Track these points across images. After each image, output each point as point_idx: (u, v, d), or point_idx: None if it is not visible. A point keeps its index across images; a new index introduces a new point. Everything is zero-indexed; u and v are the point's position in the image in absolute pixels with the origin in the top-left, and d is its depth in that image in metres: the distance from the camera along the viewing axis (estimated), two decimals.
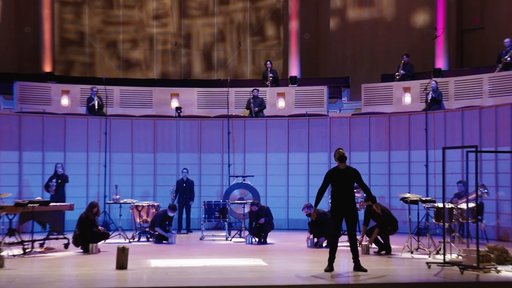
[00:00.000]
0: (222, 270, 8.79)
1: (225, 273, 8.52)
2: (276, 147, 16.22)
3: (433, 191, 14.44)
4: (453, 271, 8.59)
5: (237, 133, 16.30)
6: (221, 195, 15.68)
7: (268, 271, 8.82)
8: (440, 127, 14.62)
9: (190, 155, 16.12)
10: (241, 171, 15.98)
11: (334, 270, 8.58)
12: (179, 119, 16.28)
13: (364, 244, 10.64)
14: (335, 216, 8.60)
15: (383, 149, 15.32)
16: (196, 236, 13.79)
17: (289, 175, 16.07)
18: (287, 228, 15.95)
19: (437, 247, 10.33)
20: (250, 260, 9.79)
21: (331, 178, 8.68)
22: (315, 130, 16.11)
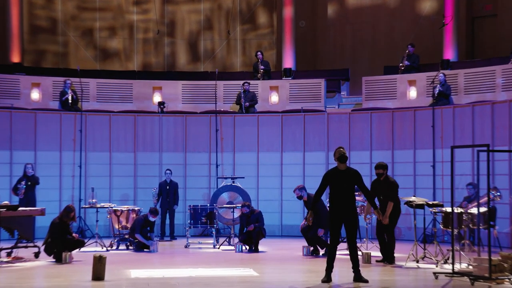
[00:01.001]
0: (209, 281, 8.77)
1: (213, 284, 8.50)
2: (269, 146, 16.21)
3: (441, 194, 14.47)
4: (462, 282, 8.60)
5: (226, 131, 16.28)
6: (208, 198, 15.65)
7: (260, 282, 8.80)
8: (448, 124, 14.65)
9: (174, 154, 16.08)
10: (230, 172, 15.95)
11: (332, 280, 8.57)
12: (162, 115, 16.24)
13: (365, 252, 10.65)
14: (334, 221, 8.59)
15: (386, 148, 15.33)
16: (181, 243, 13.76)
17: (283, 176, 16.06)
18: (281, 235, 15.95)
19: (445, 255, 10.35)
20: (240, 270, 9.77)
21: (329, 180, 8.67)
22: (311, 127, 16.11)
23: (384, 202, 10.57)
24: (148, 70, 19.68)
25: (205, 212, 13.30)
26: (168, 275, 9.24)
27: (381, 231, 10.67)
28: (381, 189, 10.69)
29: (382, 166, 10.79)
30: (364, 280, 8.52)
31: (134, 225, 12.44)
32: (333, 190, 8.66)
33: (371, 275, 9.29)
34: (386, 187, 10.66)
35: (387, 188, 10.63)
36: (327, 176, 8.72)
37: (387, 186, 10.66)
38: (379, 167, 10.79)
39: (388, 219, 10.40)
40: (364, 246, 12.10)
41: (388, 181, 10.74)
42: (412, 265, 10.32)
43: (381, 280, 8.99)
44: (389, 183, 10.71)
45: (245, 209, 12.51)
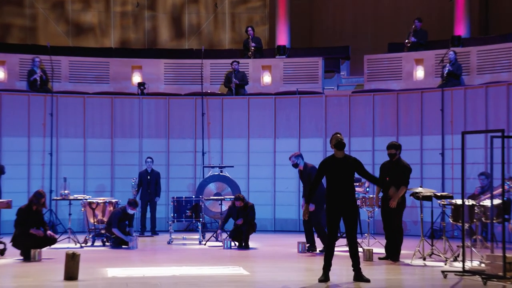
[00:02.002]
0: (194, 280, 8.76)
1: (198, 284, 8.49)
2: (261, 132, 16.19)
3: (450, 184, 14.50)
4: (474, 281, 8.63)
5: (213, 115, 16.24)
6: (193, 189, 15.64)
7: (250, 282, 8.80)
8: (459, 108, 14.65)
9: (155, 141, 16.05)
10: (218, 161, 15.93)
11: (330, 280, 8.58)
12: (142, 97, 16.19)
13: (366, 249, 10.66)
14: (332, 215, 8.59)
15: (390, 134, 15.33)
16: (163, 239, 13.75)
17: (276, 165, 16.06)
18: (273, 230, 15.96)
19: (455, 252, 10.37)
20: (228, 269, 9.77)
21: (326, 169, 8.66)
22: (307, 111, 16.09)
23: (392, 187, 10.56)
24: (127, 47, 19.56)
25: (190, 205, 13.29)
26: (149, 274, 9.22)
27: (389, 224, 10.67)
28: (392, 172, 10.67)
29: (395, 146, 10.79)
30: (365, 279, 8.53)
31: (111, 218, 12.42)
32: (330, 181, 8.64)
33: (373, 274, 9.29)
34: (398, 170, 10.66)
35: (399, 172, 10.63)
36: (323, 165, 8.70)
37: (399, 169, 10.65)
38: (392, 147, 10.77)
39: (396, 203, 10.41)
40: (366, 242, 12.12)
41: (400, 163, 10.72)
42: (419, 263, 10.34)
43: (384, 280, 9.01)
44: (401, 166, 10.69)
45: (239, 203, 12.46)
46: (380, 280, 8.89)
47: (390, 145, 10.82)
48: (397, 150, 10.81)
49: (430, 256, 10.67)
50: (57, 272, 9.08)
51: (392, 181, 10.59)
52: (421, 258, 10.55)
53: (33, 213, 10.97)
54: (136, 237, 12.58)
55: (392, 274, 9.49)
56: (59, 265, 9.17)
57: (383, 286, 8.49)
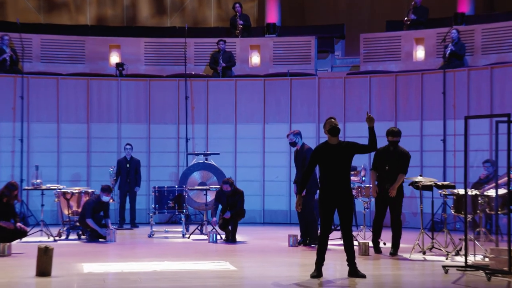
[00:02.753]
0: (177, 276, 8.75)
1: (181, 280, 8.49)
2: (249, 117, 16.18)
3: (452, 173, 14.54)
4: (477, 277, 8.66)
5: (198, 98, 16.20)
6: (176, 179, 15.63)
7: (238, 278, 8.80)
8: (462, 90, 14.67)
9: (135, 126, 16.01)
10: (203, 148, 15.92)
11: (323, 275, 8.59)
12: (121, 79, 16.13)
13: (362, 242, 10.68)
14: (325, 206, 8.58)
15: (388, 119, 15.34)
16: (144, 232, 13.74)
17: (266, 152, 16.06)
18: (263, 222, 15.98)
19: (456, 246, 10.41)
20: (214, 264, 9.77)
21: (319, 157, 8.64)
22: (299, 94, 16.08)
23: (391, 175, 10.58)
24: (104, 25, 19.45)
25: (172, 195, 13.27)
26: (128, 270, 9.21)
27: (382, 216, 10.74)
28: (391, 160, 10.71)
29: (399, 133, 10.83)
30: (361, 274, 8.54)
31: (84, 209, 12.38)
32: (324, 169, 8.63)
33: (369, 269, 9.31)
34: (396, 158, 10.70)
35: (399, 159, 10.68)
36: (316, 153, 8.68)
37: (398, 156, 10.69)
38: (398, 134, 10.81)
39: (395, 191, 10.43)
40: (361, 235, 12.15)
41: (398, 150, 10.76)
42: (418, 258, 10.37)
43: (381, 275, 9.03)
44: (400, 152, 10.73)
45: (227, 187, 12.42)
46: (377, 276, 8.91)
47: (395, 133, 10.86)
48: (399, 137, 10.89)
49: (431, 250, 10.70)
50: (29, 267, 9.03)
51: (391, 169, 10.62)
52: (420, 252, 10.58)
53: (3, 205, 10.91)
54: (113, 230, 12.54)
55: (390, 270, 9.51)
56: (31, 260, 9.13)
57: (380, 282, 8.51)
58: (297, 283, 8.28)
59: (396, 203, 10.70)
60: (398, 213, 10.75)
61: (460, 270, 8.96)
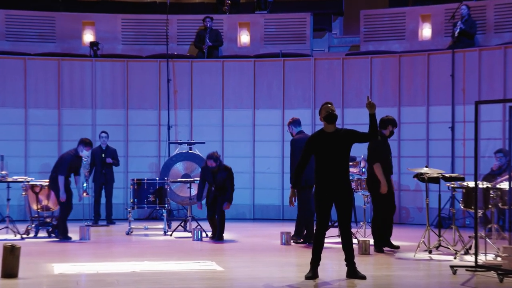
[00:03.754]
0: (158, 277, 8.75)
1: (163, 281, 8.48)
2: (237, 102, 16.17)
3: (461, 164, 14.57)
4: (488, 278, 8.69)
5: (181, 81, 16.18)
6: (157, 170, 15.61)
7: (225, 279, 8.81)
8: (472, 73, 14.68)
9: (111, 112, 16.00)
10: (187, 136, 15.90)
11: (319, 277, 8.60)
12: (96, 60, 16.10)
13: (362, 240, 10.70)
14: (321, 200, 8.58)
15: (391, 104, 15.35)
16: (121, 229, 13.74)
17: (256, 141, 16.06)
18: (253, 218, 15.98)
19: (466, 244, 10.44)
20: (199, 264, 9.77)
21: (314, 147, 8.63)
22: (293, 76, 16.07)
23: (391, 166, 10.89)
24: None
25: (153, 188, 13.26)
26: (103, 271, 9.20)
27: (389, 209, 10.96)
28: (389, 150, 11.09)
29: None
30: (360, 275, 8.55)
31: (60, 164, 12.29)
32: (320, 160, 8.61)
33: (370, 269, 9.32)
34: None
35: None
36: (310, 142, 8.66)
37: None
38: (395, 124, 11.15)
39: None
40: (361, 232, 12.17)
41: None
42: (424, 257, 10.40)
43: (383, 276, 9.04)
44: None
45: (211, 162, 12.40)
46: (378, 277, 8.93)
47: (394, 122, 11.15)
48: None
49: (437, 248, 10.72)
50: None
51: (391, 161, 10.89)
52: (426, 251, 10.61)
53: None
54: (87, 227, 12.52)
55: (392, 270, 9.52)
56: None
57: (381, 283, 8.52)
58: (291, 285, 8.28)
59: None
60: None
61: (469, 270, 8.98)
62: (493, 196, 10.29)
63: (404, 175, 15.01)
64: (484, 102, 10.19)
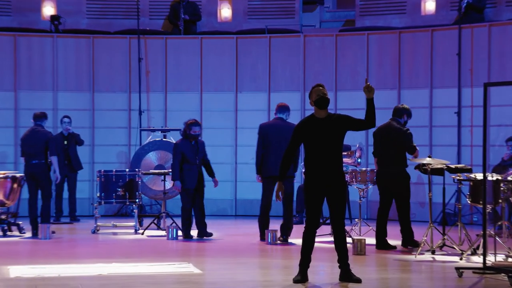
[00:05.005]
0: (128, 281, 8.74)
1: (133, 286, 8.48)
2: (218, 84, 16.16)
3: (469, 154, 14.62)
4: (498, 281, 8.72)
5: (154, 60, 16.16)
6: (127, 161, 15.58)
7: (203, 283, 8.81)
8: (481, 51, 14.71)
9: (75, 95, 15.97)
10: (161, 122, 15.87)
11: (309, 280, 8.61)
12: (57, 36, 16.04)
13: (357, 239, 10.72)
14: (312, 194, 8.58)
15: (390, 86, 15.39)
16: (86, 227, 13.74)
17: (238, 128, 16.06)
18: (235, 214, 15.99)
19: (473, 243, 10.48)
20: (174, 266, 9.77)
21: (304, 134, 8.63)
22: (280, 55, 16.06)
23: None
24: None
25: (122, 181, 13.25)
26: (66, 274, 9.18)
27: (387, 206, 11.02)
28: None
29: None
30: (355, 278, 8.56)
31: (47, 147, 12.61)
32: (310, 149, 8.61)
33: (366, 271, 9.34)
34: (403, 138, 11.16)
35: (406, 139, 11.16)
36: (299, 129, 8.65)
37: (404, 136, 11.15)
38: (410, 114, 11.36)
39: None
40: (356, 230, 12.19)
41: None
42: (426, 258, 10.43)
43: (380, 279, 9.07)
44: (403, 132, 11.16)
45: (197, 129, 12.47)
46: (375, 280, 8.94)
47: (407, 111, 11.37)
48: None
49: (441, 248, 10.76)
50: None
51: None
52: (429, 251, 10.64)
53: None
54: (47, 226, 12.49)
55: (391, 272, 9.55)
56: None
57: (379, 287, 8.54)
58: None
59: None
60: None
61: (477, 273, 9.01)
62: (504, 190, 10.33)
63: None
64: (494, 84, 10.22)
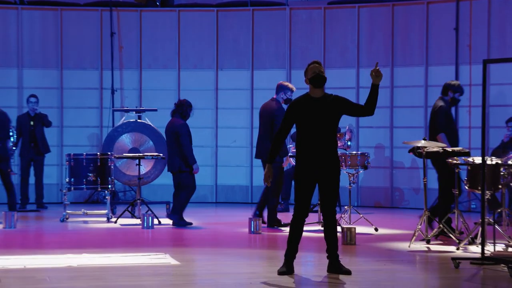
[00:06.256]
0: (99, 273, 8.73)
1: (105, 278, 8.46)
2: (197, 60, 16.15)
3: (467, 136, 14.66)
4: (497, 272, 8.75)
5: (128, 35, 16.14)
6: (99, 143, 15.55)
7: (181, 275, 8.81)
8: (480, 25, 14.72)
9: (42, 72, 15.96)
10: (135, 102, 15.85)
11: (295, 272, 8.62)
12: (22, 8, 15.99)
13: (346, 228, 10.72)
14: (303, 179, 8.56)
15: (382, 63, 15.37)
16: (54, 215, 13.72)
17: (219, 109, 16.06)
18: (215, 202, 16.00)
19: (471, 232, 10.51)
20: (150, 257, 9.76)
21: (297, 114, 8.61)
22: (264, 30, 16.04)
23: None
24: None
25: (93, 166, 13.21)
26: (32, 265, 9.15)
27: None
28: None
29: None
30: (344, 270, 8.56)
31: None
32: (303, 131, 8.59)
33: (356, 262, 9.36)
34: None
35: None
36: (292, 108, 8.63)
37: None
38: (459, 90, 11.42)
39: None
40: (345, 218, 12.19)
41: None
42: (420, 247, 10.46)
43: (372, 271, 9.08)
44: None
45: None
46: (365, 272, 8.95)
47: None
48: None
49: (437, 237, 10.80)
50: None
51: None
52: (423, 241, 10.67)
53: None
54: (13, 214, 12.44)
55: (383, 263, 9.57)
56: None
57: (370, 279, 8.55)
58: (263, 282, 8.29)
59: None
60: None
61: (475, 263, 9.04)
62: (504, 174, 10.36)
63: (397, 150, 15.08)
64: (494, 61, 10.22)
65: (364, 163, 11.97)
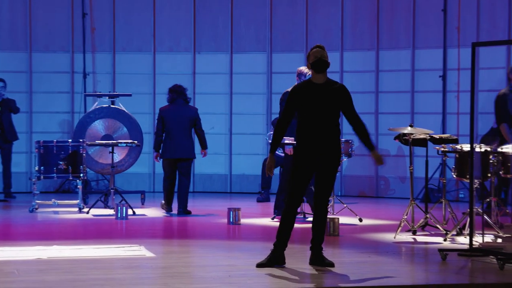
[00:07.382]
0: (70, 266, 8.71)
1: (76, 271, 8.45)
2: (173, 43, 16.13)
3: (455, 122, 14.69)
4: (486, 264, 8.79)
5: (100, 16, 16.11)
6: (70, 130, 15.52)
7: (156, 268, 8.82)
8: (470, 7, 14.74)
9: (9, 54, 15.94)
10: (108, 86, 15.81)
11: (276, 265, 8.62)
12: None
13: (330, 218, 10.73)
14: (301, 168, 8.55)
15: (367, 46, 15.40)
16: (23, 205, 13.73)
17: (197, 94, 16.04)
18: (192, 191, 16.00)
19: (459, 222, 10.55)
20: (123, 249, 9.76)
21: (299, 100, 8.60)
22: (244, 11, 16.02)
23: None
24: None
25: (64, 153, 13.20)
26: (0, 258, 9.14)
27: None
28: None
29: None
30: (327, 262, 8.59)
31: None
32: (304, 118, 8.58)
33: (339, 254, 9.40)
34: None
35: None
36: (294, 95, 8.63)
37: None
38: None
39: None
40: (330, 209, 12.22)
41: None
42: (406, 238, 10.50)
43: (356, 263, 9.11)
44: None
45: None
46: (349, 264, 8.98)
47: None
48: None
49: (423, 228, 10.84)
50: None
51: None
52: (409, 232, 10.71)
53: None
54: None
55: (367, 255, 9.60)
56: None
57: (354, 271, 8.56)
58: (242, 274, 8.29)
59: None
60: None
61: (463, 255, 9.09)
62: (493, 162, 10.40)
63: (382, 137, 15.10)
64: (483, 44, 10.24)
65: (348, 151, 11.99)
